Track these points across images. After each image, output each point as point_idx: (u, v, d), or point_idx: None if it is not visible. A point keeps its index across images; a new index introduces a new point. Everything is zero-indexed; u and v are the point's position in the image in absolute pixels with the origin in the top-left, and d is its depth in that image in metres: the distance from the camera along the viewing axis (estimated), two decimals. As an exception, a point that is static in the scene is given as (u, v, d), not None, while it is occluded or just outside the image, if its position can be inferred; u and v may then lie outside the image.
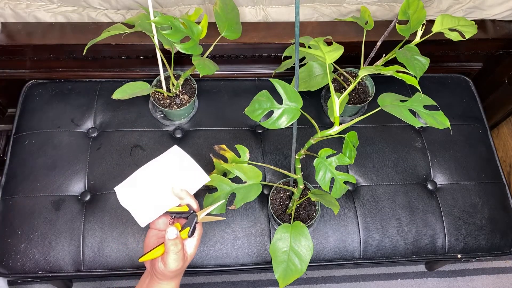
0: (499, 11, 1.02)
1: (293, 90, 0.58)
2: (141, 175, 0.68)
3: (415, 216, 0.91)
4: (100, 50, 0.98)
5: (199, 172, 0.70)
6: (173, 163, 0.70)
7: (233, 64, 1.06)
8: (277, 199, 0.86)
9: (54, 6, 0.95)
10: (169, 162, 0.70)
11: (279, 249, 0.69)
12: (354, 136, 0.65)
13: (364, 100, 0.97)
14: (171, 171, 0.69)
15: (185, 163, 0.70)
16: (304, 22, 1.02)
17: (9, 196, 0.88)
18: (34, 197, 0.88)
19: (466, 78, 1.13)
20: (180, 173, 0.69)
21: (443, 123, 0.61)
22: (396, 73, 0.54)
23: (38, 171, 0.91)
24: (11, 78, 1.05)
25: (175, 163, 0.70)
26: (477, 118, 1.06)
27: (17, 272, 0.83)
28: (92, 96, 1.01)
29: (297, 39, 0.54)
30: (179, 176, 0.69)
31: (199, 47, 0.80)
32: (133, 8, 0.96)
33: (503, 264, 1.32)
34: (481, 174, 0.98)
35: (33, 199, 0.87)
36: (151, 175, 0.69)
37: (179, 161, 0.70)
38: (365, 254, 0.89)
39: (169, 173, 0.69)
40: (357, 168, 0.96)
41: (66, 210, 0.87)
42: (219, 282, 1.24)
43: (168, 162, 0.70)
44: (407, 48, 0.82)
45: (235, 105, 1.02)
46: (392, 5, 1.00)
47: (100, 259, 0.84)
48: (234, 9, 0.88)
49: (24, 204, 0.87)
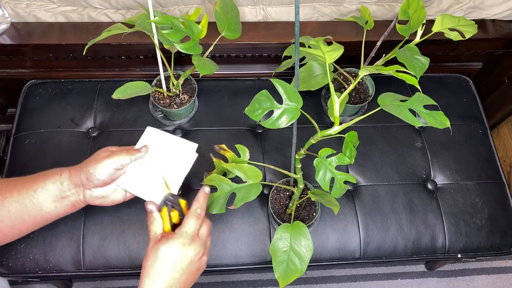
0: (499, 11, 1.02)
1: (293, 90, 0.58)
2: (132, 166, 0.69)
3: (415, 216, 0.91)
4: (100, 50, 0.98)
5: (184, 145, 0.70)
6: (155, 147, 0.70)
7: (233, 64, 1.06)
8: (277, 199, 0.86)
9: (54, 5, 0.95)
10: (151, 147, 0.70)
11: (279, 249, 0.69)
12: (354, 136, 0.65)
13: (364, 100, 0.97)
14: (157, 156, 0.69)
15: (165, 141, 0.70)
16: (304, 22, 1.02)
17: (9, 196, 0.88)
18: (34, 197, 0.88)
19: (466, 78, 1.13)
20: (167, 155, 0.69)
21: (443, 123, 0.61)
22: (396, 73, 0.54)
23: (38, 170, 0.89)
24: (11, 78, 1.05)
25: (156, 146, 0.70)
26: (477, 118, 1.06)
27: (17, 272, 0.83)
28: (92, 96, 1.01)
29: (297, 39, 0.53)
30: (167, 159, 0.69)
31: (199, 46, 0.80)
32: (133, 8, 0.96)
33: (503, 264, 1.32)
34: (481, 174, 0.98)
35: (33, 199, 0.87)
36: (141, 164, 0.69)
37: (159, 142, 0.70)
38: (365, 254, 0.89)
39: (156, 159, 0.69)
40: (357, 168, 0.96)
41: (66, 210, 0.87)
42: (219, 282, 1.24)
43: (150, 147, 0.70)
44: (407, 48, 0.82)
45: (235, 105, 1.02)
46: (392, 4, 1.00)
47: (100, 259, 0.84)
48: (234, 8, 0.88)
49: (24, 204, 0.87)
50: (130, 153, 0.67)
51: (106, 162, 0.65)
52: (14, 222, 0.64)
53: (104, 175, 0.65)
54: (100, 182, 0.65)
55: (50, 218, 0.67)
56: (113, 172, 0.66)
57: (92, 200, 0.67)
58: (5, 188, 0.64)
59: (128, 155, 0.66)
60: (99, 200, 0.68)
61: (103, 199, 0.68)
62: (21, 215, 0.64)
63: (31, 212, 0.64)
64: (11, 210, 0.63)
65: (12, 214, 0.63)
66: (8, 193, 0.64)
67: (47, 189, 0.65)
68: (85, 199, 0.67)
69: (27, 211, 0.64)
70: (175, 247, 0.59)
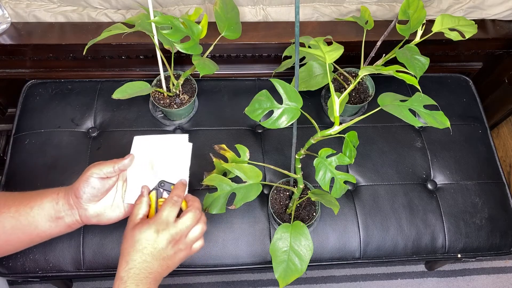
0: (499, 11, 1.02)
1: (293, 90, 0.58)
2: (132, 174, 0.69)
3: (415, 216, 0.91)
4: (100, 50, 0.98)
5: (175, 139, 0.70)
6: (148, 153, 0.69)
7: (233, 63, 1.06)
8: (277, 198, 0.86)
9: (54, 5, 0.95)
10: (144, 155, 0.69)
11: (279, 248, 0.69)
12: (354, 135, 0.65)
13: (364, 100, 0.97)
14: (152, 161, 0.69)
15: (156, 144, 0.70)
16: (304, 21, 1.02)
17: (9, 196, 0.88)
18: (34, 197, 0.88)
19: (466, 78, 1.13)
20: (162, 157, 0.68)
21: (443, 123, 0.61)
22: (396, 72, 0.54)
23: (38, 170, 0.91)
24: (11, 78, 1.05)
25: (149, 152, 0.69)
26: (477, 118, 1.06)
27: (17, 271, 0.83)
28: (92, 95, 1.01)
29: (297, 38, 0.53)
30: (164, 160, 0.68)
31: (199, 46, 0.80)
32: (133, 8, 0.96)
33: (503, 264, 1.32)
34: (481, 174, 0.98)
35: (33, 199, 0.87)
36: (140, 172, 0.69)
37: (150, 147, 0.70)
38: (365, 254, 0.89)
39: (153, 164, 0.69)
40: (357, 167, 0.96)
41: (66, 210, 0.87)
42: (219, 282, 1.24)
43: (143, 156, 0.69)
44: (407, 48, 0.82)
45: (235, 105, 1.02)
46: (392, 4, 1.00)
47: (100, 259, 0.84)
48: (234, 8, 0.88)
49: (24, 204, 0.87)
50: (114, 161, 0.66)
51: (89, 172, 0.64)
52: (9, 238, 0.64)
53: (90, 187, 0.63)
54: (88, 196, 0.64)
55: (45, 236, 0.66)
56: (100, 184, 0.64)
57: (87, 219, 0.66)
58: (4, 202, 0.64)
59: (112, 164, 0.65)
60: (95, 219, 0.66)
61: (99, 217, 0.67)
62: (16, 231, 0.63)
63: (25, 229, 0.63)
64: (6, 226, 0.63)
65: (7, 230, 0.63)
66: (5, 207, 0.63)
67: (43, 207, 0.64)
68: (81, 219, 0.66)
69: (22, 228, 0.63)
70: (148, 232, 0.60)
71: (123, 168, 0.67)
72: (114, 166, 0.65)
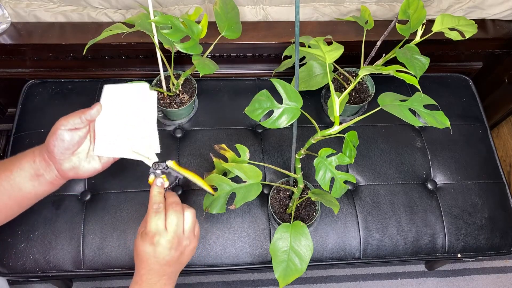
0: (499, 11, 1.02)
1: (293, 90, 0.58)
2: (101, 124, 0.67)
3: (415, 216, 0.91)
4: (100, 50, 0.98)
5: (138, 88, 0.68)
6: (116, 103, 0.68)
7: (233, 63, 1.06)
8: (277, 198, 0.86)
9: (54, 5, 0.95)
10: (112, 105, 0.68)
11: (279, 248, 0.69)
12: (354, 135, 0.65)
13: (364, 100, 0.97)
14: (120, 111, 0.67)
15: (122, 94, 0.68)
16: (304, 21, 1.02)
17: (9, 196, 0.88)
18: (34, 197, 0.88)
19: (466, 77, 1.13)
20: (128, 107, 0.67)
21: (443, 122, 0.61)
22: (396, 72, 0.54)
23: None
24: (11, 77, 1.05)
25: (117, 102, 0.68)
26: (477, 117, 1.06)
27: (17, 271, 0.83)
28: (92, 95, 1.01)
29: (297, 38, 0.53)
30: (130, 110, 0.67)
31: (199, 46, 0.80)
32: (133, 8, 0.96)
33: (503, 264, 1.32)
34: (481, 174, 0.98)
35: (33, 199, 0.87)
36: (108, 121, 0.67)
37: (118, 97, 0.68)
38: (365, 254, 0.89)
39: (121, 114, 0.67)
40: (357, 167, 0.96)
41: (66, 209, 0.87)
42: (219, 281, 1.24)
43: (111, 105, 0.68)
44: (407, 48, 0.82)
45: (235, 104, 1.02)
46: (392, 4, 1.00)
47: (100, 259, 0.84)
48: (234, 8, 0.88)
49: (24, 203, 0.87)
50: (81, 111, 0.64)
51: (57, 125, 0.62)
52: None
53: (59, 140, 0.62)
54: (60, 149, 0.63)
55: (32, 197, 0.66)
56: (69, 136, 0.63)
57: (64, 174, 0.65)
58: None
59: (79, 114, 0.63)
60: (71, 173, 0.65)
61: (76, 171, 0.65)
62: (1, 197, 0.63)
63: (10, 193, 0.64)
64: None
65: None
66: None
67: (22, 168, 0.64)
68: (60, 174, 0.65)
69: (7, 193, 0.64)
70: (145, 247, 0.61)
71: (90, 118, 0.65)
72: (81, 116, 0.63)
